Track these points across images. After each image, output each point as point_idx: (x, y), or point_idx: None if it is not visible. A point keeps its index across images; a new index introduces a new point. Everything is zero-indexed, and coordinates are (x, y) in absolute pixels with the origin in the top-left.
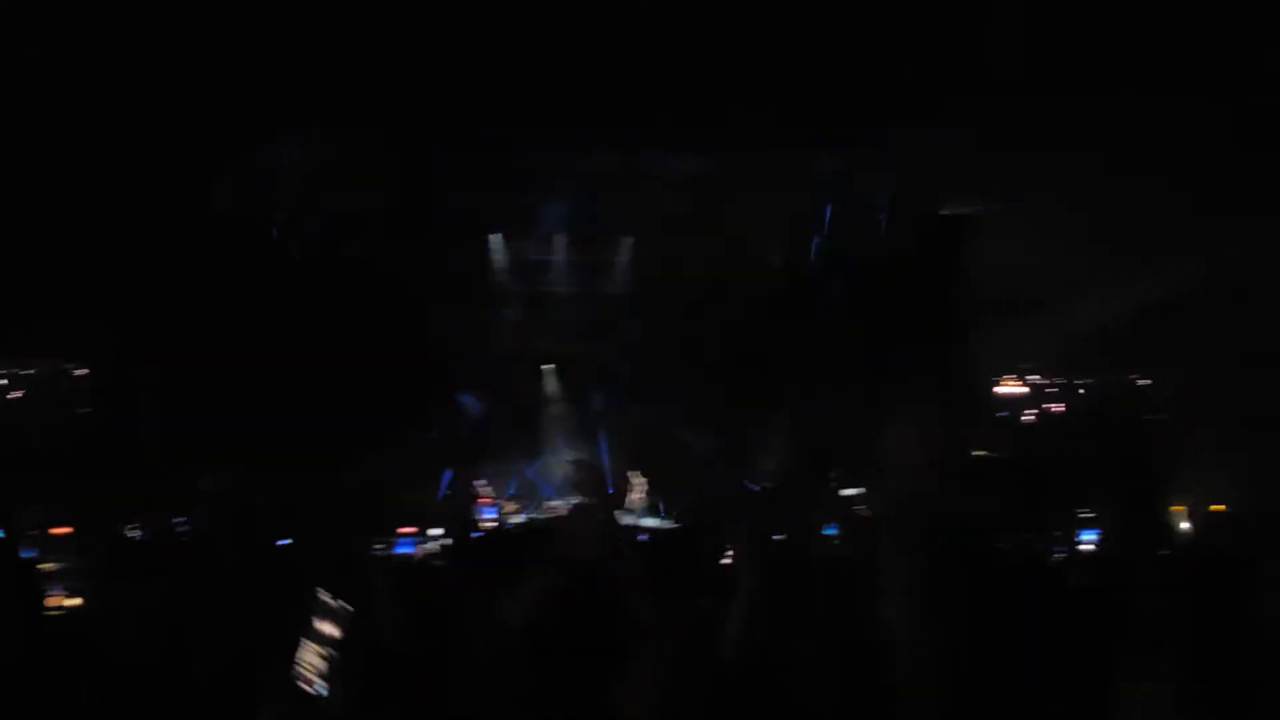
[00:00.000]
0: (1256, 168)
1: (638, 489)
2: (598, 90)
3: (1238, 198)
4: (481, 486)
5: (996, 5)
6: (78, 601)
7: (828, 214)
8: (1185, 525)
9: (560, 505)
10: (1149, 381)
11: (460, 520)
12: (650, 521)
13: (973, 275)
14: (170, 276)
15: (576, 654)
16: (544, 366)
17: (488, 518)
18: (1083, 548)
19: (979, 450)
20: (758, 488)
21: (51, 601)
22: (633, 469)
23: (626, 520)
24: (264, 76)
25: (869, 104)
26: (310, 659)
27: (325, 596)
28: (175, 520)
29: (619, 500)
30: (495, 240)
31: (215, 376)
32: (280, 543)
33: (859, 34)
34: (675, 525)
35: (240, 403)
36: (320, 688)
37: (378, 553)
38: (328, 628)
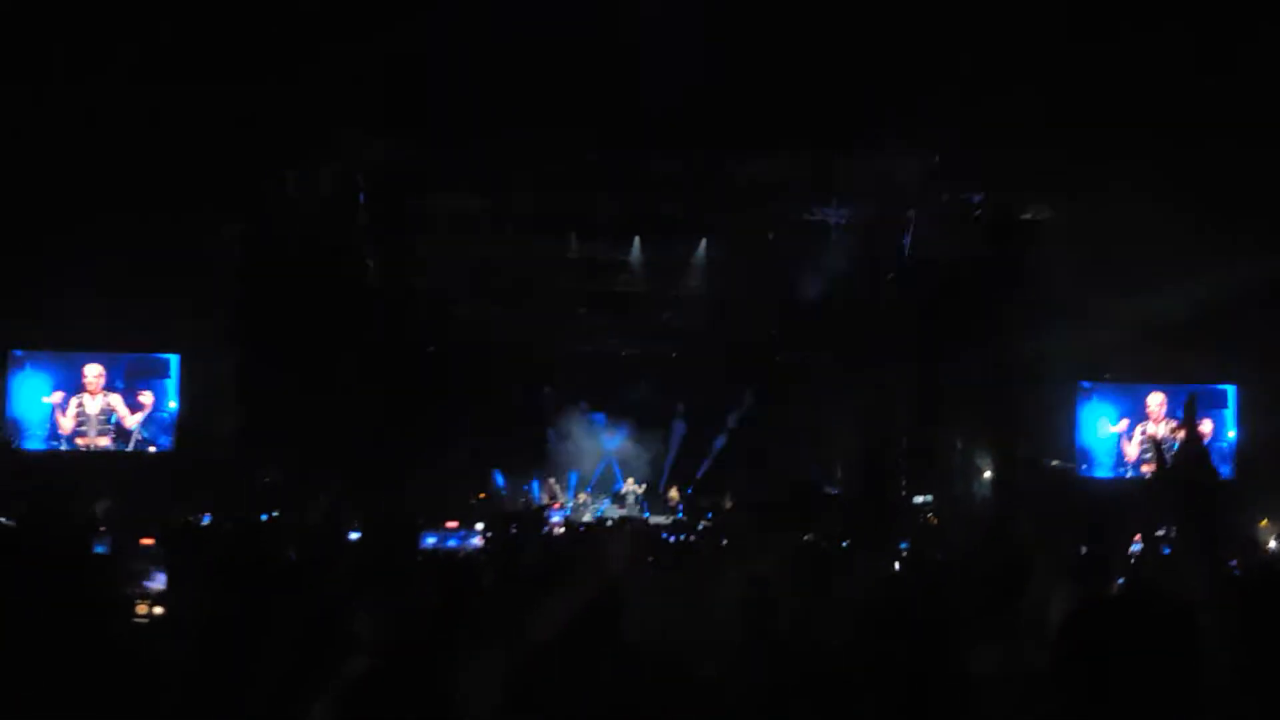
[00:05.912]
0: None
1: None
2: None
3: None
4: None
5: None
6: (160, 611)
7: (911, 219)
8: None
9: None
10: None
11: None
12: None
13: (1049, 279)
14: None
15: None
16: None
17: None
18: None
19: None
20: (834, 491)
21: (141, 610)
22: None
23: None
24: None
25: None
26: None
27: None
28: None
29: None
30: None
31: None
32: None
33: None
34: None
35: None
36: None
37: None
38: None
